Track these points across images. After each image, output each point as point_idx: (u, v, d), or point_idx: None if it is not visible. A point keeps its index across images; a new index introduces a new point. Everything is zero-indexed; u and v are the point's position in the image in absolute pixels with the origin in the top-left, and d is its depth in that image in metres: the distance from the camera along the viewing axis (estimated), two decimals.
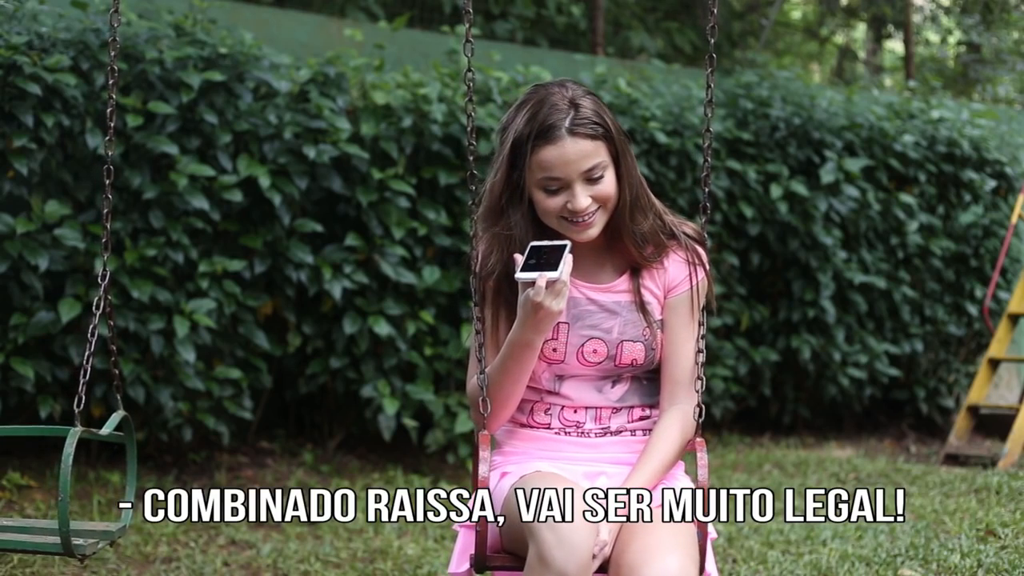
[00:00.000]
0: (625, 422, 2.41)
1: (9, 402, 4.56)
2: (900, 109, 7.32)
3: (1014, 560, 3.73)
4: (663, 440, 2.33)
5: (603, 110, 2.30)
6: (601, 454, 2.38)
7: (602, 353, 2.37)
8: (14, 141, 4.40)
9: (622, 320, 2.38)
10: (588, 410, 2.39)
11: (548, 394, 2.40)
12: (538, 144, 2.25)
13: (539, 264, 2.20)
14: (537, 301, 2.18)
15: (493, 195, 2.34)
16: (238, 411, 4.94)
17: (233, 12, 5.98)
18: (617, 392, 2.41)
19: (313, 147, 4.95)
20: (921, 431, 7.45)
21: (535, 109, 2.27)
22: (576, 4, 9.72)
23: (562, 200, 2.27)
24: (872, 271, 6.90)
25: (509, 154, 2.29)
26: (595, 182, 2.27)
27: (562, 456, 2.36)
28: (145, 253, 4.67)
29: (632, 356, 2.37)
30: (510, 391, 2.32)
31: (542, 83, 2.36)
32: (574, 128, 2.25)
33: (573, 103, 2.27)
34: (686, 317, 2.40)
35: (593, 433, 2.39)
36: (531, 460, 2.35)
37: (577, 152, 2.25)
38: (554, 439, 2.39)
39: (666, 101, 6.30)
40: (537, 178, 2.28)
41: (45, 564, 3.70)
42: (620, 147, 2.30)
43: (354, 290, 5.17)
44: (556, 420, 2.40)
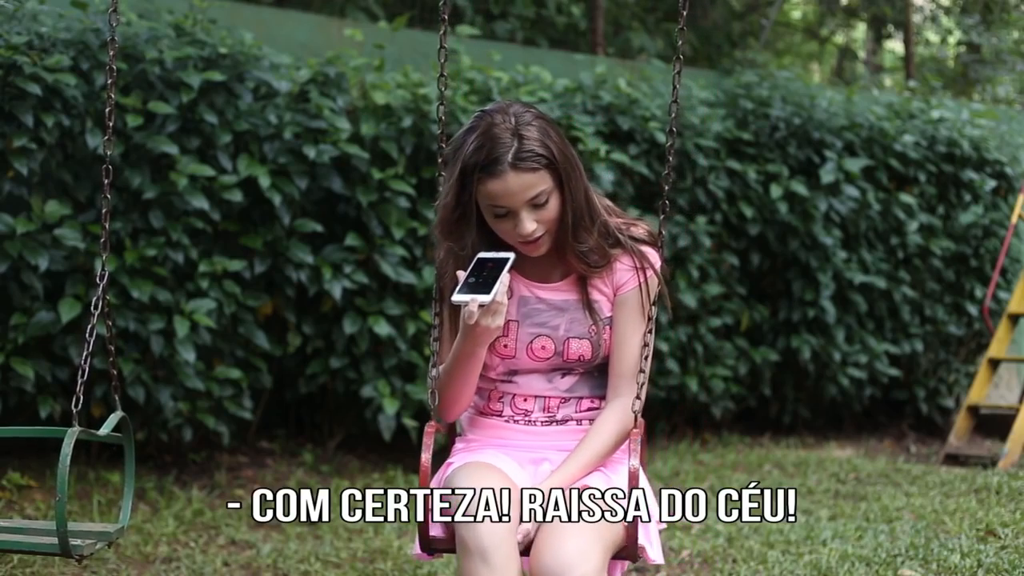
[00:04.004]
0: (572, 412, 2.53)
1: (9, 402, 4.56)
2: (900, 109, 7.33)
3: (1014, 560, 3.74)
4: (599, 432, 2.45)
5: (548, 136, 2.39)
6: (546, 441, 2.51)
7: (550, 349, 2.49)
8: (14, 141, 4.40)
9: (569, 317, 2.49)
10: (537, 399, 2.53)
11: (502, 383, 2.54)
12: (483, 176, 2.36)
13: (478, 282, 2.33)
14: (472, 323, 2.32)
15: (446, 211, 2.45)
16: (238, 411, 4.94)
17: (233, 12, 5.98)
18: (566, 383, 2.53)
19: (313, 147, 4.95)
20: (921, 431, 7.46)
21: (480, 140, 2.37)
22: (576, 4, 9.72)
23: (511, 224, 2.39)
24: (872, 271, 6.90)
25: (458, 178, 2.40)
26: (540, 207, 2.38)
27: (511, 444, 2.51)
28: (145, 253, 4.67)
29: (579, 352, 2.49)
30: (459, 390, 2.48)
31: (488, 109, 2.44)
32: (516, 162, 2.34)
33: (516, 134, 2.36)
34: (633, 313, 2.48)
35: (539, 422, 2.53)
36: (482, 449, 2.49)
37: (520, 184, 2.35)
38: (504, 427, 2.54)
39: (666, 101, 6.29)
40: (486, 204, 2.40)
41: (45, 564, 3.70)
42: (564, 172, 2.39)
43: (354, 290, 5.17)
44: (508, 408, 2.54)
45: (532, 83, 5.78)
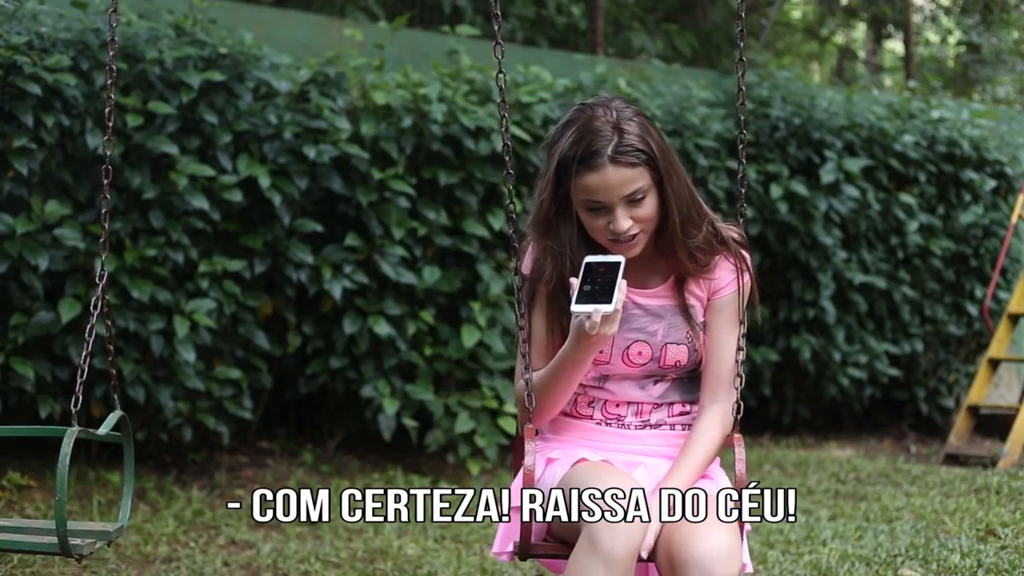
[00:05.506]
0: (665, 416, 2.50)
1: (9, 402, 4.56)
2: (900, 109, 7.33)
3: (1014, 560, 3.74)
4: (704, 437, 2.43)
5: (648, 133, 2.35)
6: (640, 445, 2.48)
7: (647, 355, 2.46)
8: (14, 141, 4.40)
9: (666, 323, 2.46)
10: (630, 405, 2.49)
11: (592, 388, 2.49)
12: (581, 169, 2.32)
13: (594, 290, 2.26)
14: (594, 333, 2.25)
15: (542, 207, 2.42)
16: (238, 411, 4.94)
17: (233, 12, 5.98)
18: (659, 389, 2.50)
19: (313, 147, 4.95)
20: (921, 431, 7.45)
21: (580, 133, 2.33)
22: (576, 4, 9.72)
23: (604, 220, 2.35)
24: (872, 271, 6.90)
25: (555, 172, 2.37)
26: (636, 204, 2.34)
27: (603, 446, 2.46)
28: (145, 253, 4.67)
29: (676, 358, 2.46)
30: (558, 398, 2.43)
31: (588, 102, 2.41)
32: (616, 156, 2.31)
33: (617, 128, 2.33)
34: (729, 318, 2.47)
35: (633, 426, 2.49)
36: (575, 448, 2.45)
37: (618, 179, 2.31)
38: (596, 429, 2.49)
39: (666, 101, 6.30)
40: (580, 199, 2.35)
41: (45, 564, 3.70)
42: (664, 170, 2.35)
43: (354, 290, 5.17)
44: (599, 412, 2.50)
45: (532, 83, 5.78)
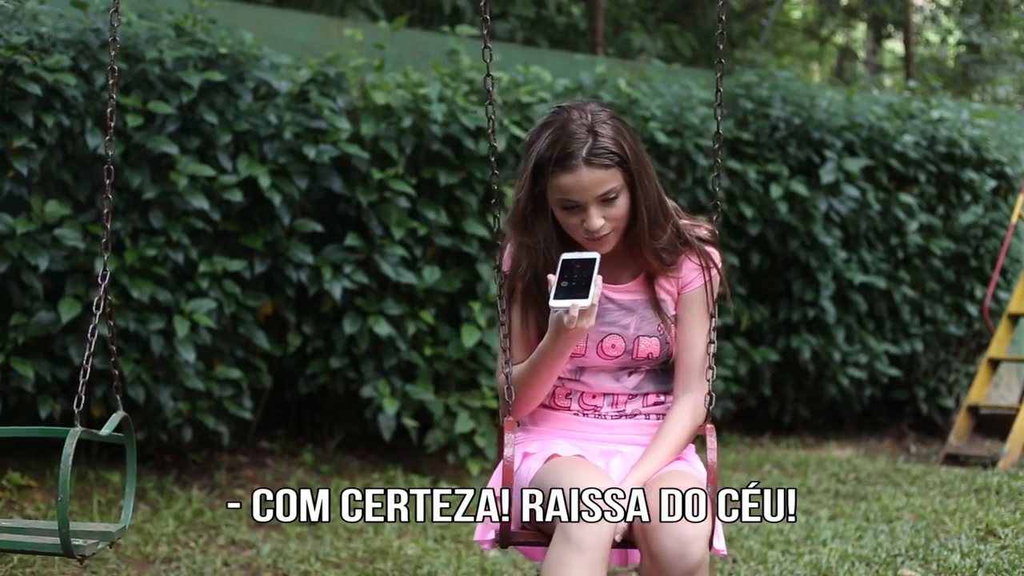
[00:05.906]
0: (640, 407, 2.60)
1: (9, 402, 4.56)
2: (900, 109, 7.33)
3: (1014, 560, 3.74)
4: (676, 425, 2.52)
5: (623, 135, 2.45)
6: (616, 435, 2.58)
7: (620, 348, 2.55)
8: (14, 141, 4.39)
9: (638, 317, 2.56)
10: (606, 396, 2.59)
11: (569, 381, 2.59)
12: (557, 170, 2.41)
13: (571, 286, 2.35)
14: (572, 327, 2.34)
15: (519, 206, 2.52)
16: (238, 411, 4.94)
17: (233, 12, 5.98)
18: (633, 381, 2.59)
19: (313, 147, 4.95)
20: (921, 431, 7.46)
21: (556, 135, 2.43)
22: (576, 4, 9.72)
23: (579, 219, 2.44)
24: (872, 271, 6.90)
25: (532, 172, 2.46)
26: (609, 204, 2.43)
27: (580, 435, 2.56)
28: (145, 253, 4.67)
29: (648, 350, 2.56)
30: (537, 391, 2.53)
31: (564, 105, 2.50)
32: (590, 158, 2.40)
33: (592, 130, 2.42)
34: (699, 311, 2.55)
35: (609, 416, 2.58)
36: (552, 439, 2.54)
37: (592, 180, 2.41)
38: (573, 419, 2.59)
39: (666, 101, 6.30)
40: (556, 198, 2.45)
41: (45, 564, 3.70)
42: (636, 171, 2.45)
43: (354, 290, 5.17)
44: (576, 404, 2.60)
45: (532, 83, 5.78)
